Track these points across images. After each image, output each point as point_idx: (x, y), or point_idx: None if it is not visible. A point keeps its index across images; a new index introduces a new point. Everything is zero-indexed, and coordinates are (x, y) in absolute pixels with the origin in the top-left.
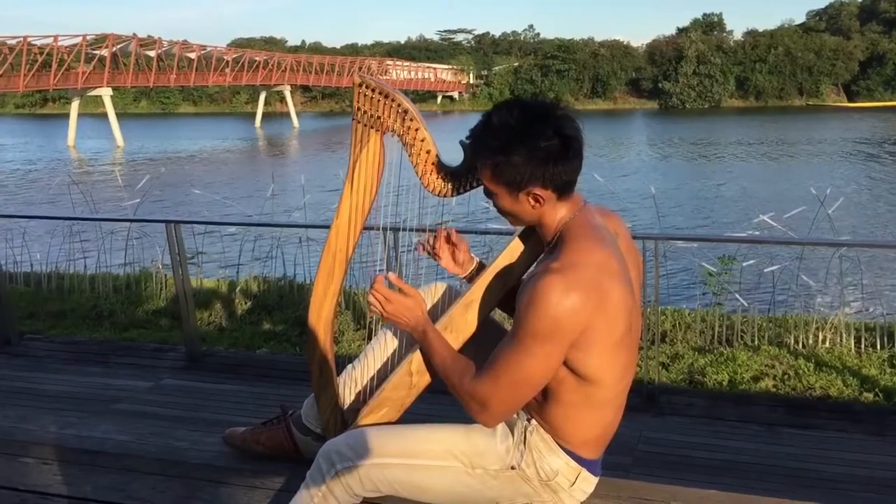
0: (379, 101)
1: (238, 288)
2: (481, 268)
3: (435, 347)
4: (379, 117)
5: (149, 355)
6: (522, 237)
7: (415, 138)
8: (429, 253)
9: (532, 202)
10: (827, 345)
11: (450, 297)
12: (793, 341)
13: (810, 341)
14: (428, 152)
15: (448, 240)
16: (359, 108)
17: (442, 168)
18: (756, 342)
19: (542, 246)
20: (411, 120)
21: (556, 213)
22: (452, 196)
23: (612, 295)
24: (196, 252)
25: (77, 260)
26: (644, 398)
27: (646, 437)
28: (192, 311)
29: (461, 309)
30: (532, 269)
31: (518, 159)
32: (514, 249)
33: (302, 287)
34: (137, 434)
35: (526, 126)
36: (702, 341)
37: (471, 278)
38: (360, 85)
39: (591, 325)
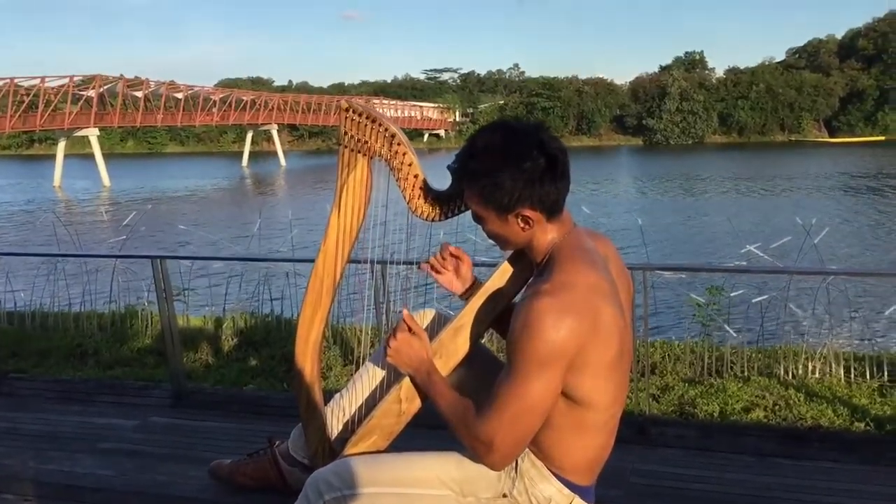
0: (366, 125)
1: (224, 324)
2: (478, 286)
3: (439, 391)
4: (366, 142)
5: (134, 393)
6: (512, 260)
7: (402, 162)
8: (431, 269)
9: (521, 224)
10: (817, 375)
11: (438, 324)
12: (782, 372)
13: (800, 371)
14: (416, 176)
15: (453, 255)
16: (346, 133)
17: (430, 192)
18: (746, 373)
19: (532, 268)
20: (398, 144)
21: (546, 235)
22: (441, 220)
23: (605, 316)
24: (182, 289)
25: (61, 298)
26: (635, 430)
27: (637, 469)
28: (178, 348)
29: (451, 334)
30: (523, 292)
31: (505, 181)
32: (503, 272)
33: (289, 322)
34: (121, 469)
35: (511, 147)
36: (691, 372)
37: (468, 297)
38: (347, 110)
39: (585, 347)
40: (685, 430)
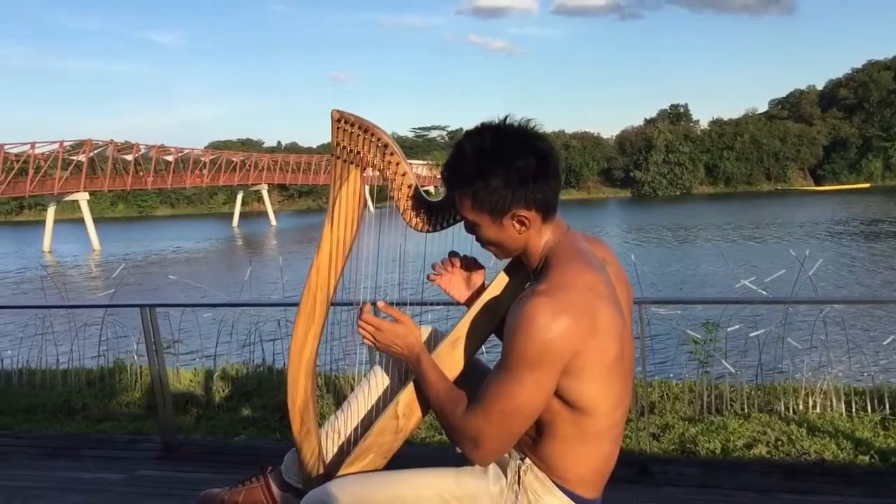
0: (358, 135)
1: (215, 374)
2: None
3: (428, 376)
4: (358, 152)
5: (122, 447)
6: (509, 270)
7: (395, 172)
8: (436, 276)
9: (517, 226)
10: (818, 410)
11: (435, 340)
12: (783, 407)
13: (801, 407)
14: (409, 186)
15: (463, 266)
16: (338, 144)
17: (423, 202)
18: (746, 409)
19: (529, 275)
20: (391, 154)
21: (542, 238)
22: (435, 231)
23: (602, 317)
24: (172, 341)
25: (49, 355)
26: (636, 469)
27: None
28: (168, 399)
29: (448, 347)
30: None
31: (497, 183)
32: (500, 282)
33: (281, 372)
34: None
35: (500, 148)
36: (691, 411)
37: (470, 303)
38: (339, 120)
39: (582, 349)
40: (687, 468)
